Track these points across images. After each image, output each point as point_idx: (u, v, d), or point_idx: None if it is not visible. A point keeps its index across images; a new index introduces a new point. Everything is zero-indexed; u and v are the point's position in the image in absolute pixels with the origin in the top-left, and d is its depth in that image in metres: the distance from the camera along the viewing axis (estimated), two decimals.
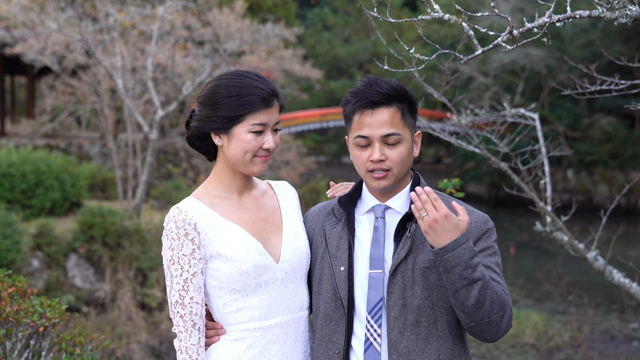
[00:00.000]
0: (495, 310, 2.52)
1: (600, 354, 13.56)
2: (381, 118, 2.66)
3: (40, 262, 13.36)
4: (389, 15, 3.03)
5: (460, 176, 33.92)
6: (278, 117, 2.77)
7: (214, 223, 2.73)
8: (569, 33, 30.94)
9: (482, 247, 2.68)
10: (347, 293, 2.71)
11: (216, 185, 2.83)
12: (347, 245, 2.76)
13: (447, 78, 5.55)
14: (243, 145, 2.70)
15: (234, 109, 2.68)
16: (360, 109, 2.68)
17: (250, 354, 2.74)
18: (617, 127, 32.36)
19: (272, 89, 2.72)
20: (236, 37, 18.70)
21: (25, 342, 3.68)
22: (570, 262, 17.86)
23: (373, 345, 2.67)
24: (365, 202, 2.81)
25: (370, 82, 2.71)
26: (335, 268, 2.74)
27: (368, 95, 2.67)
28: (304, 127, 28.89)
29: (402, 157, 2.69)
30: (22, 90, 35.32)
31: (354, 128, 2.71)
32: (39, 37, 18.40)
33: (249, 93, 2.68)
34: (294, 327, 2.80)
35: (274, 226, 2.85)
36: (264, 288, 2.74)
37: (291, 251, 2.80)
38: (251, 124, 2.69)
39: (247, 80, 2.71)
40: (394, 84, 2.70)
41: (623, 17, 2.86)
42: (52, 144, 22.02)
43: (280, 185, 3.01)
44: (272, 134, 2.75)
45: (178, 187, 18.51)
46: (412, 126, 2.74)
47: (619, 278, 5.68)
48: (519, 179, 6.03)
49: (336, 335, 2.73)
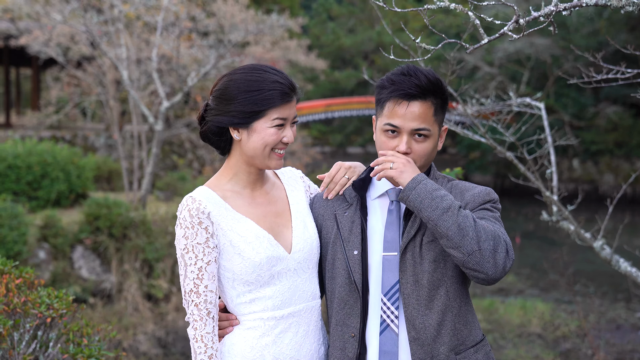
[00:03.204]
0: (484, 239, 2.52)
1: (607, 343, 13.55)
2: (415, 112, 2.68)
3: (47, 254, 13.39)
4: (394, 5, 3.02)
5: (465, 166, 33.89)
6: (295, 111, 2.79)
7: (227, 214, 2.74)
8: (574, 22, 30.81)
9: (480, 204, 2.72)
10: (361, 277, 2.73)
11: (230, 178, 2.83)
12: (360, 229, 2.77)
13: (453, 68, 5.54)
14: (264, 139, 2.71)
15: (255, 103, 2.68)
16: (395, 98, 2.69)
17: (264, 342, 2.75)
18: (622, 116, 32.24)
19: (291, 83, 2.73)
20: (241, 27, 18.66)
21: (33, 333, 3.70)
22: (576, 251, 17.82)
23: (390, 326, 2.70)
24: (378, 187, 2.83)
25: (410, 71, 2.70)
26: (349, 252, 2.76)
27: (406, 86, 2.67)
28: (308, 118, 28.86)
29: (427, 152, 2.72)
30: (27, 82, 35.35)
31: (386, 115, 2.72)
32: (43, 29, 18.38)
33: (270, 88, 2.68)
34: (307, 316, 2.81)
35: (285, 218, 2.86)
36: (277, 279, 2.75)
37: (302, 241, 2.81)
38: (273, 119, 2.70)
39: (267, 74, 2.71)
40: (432, 77, 2.70)
41: (630, 5, 2.85)
42: (58, 136, 22.04)
43: (286, 173, 3.01)
44: (290, 128, 2.77)
45: (183, 178, 18.52)
46: (441, 121, 2.77)
47: (626, 267, 5.67)
48: (525, 169, 6.02)
49: (351, 319, 2.75)
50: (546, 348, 13.46)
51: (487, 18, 2.86)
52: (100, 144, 22.73)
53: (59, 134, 22.32)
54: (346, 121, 37.30)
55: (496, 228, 2.60)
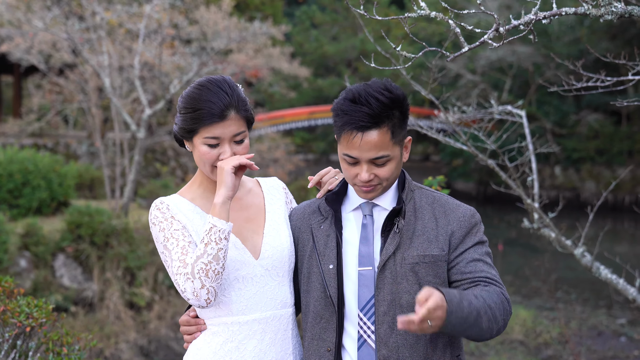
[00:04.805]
0: (501, 322, 2.55)
1: (588, 349, 13.62)
2: (370, 141, 2.57)
3: (28, 262, 13.30)
4: (376, 13, 3.03)
5: (448, 173, 34.01)
6: (238, 129, 2.72)
7: (194, 217, 2.77)
8: (555, 30, 31.05)
9: (472, 242, 2.68)
10: (336, 291, 2.70)
11: (199, 185, 2.87)
12: (335, 243, 2.74)
13: (435, 75, 5.56)
14: (200, 155, 2.74)
15: (187, 121, 2.72)
16: (349, 130, 2.58)
17: (227, 348, 2.76)
18: (604, 123, 32.52)
19: (226, 104, 2.68)
20: (223, 35, 18.66)
21: (12, 342, 3.67)
22: (558, 258, 17.93)
23: (367, 342, 2.67)
24: (352, 200, 2.80)
25: (360, 99, 2.56)
26: (324, 266, 2.73)
27: (357, 118, 2.55)
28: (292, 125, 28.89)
29: (390, 172, 2.66)
30: (9, 90, 35.13)
31: (342, 144, 2.64)
32: (25, 36, 18.30)
33: (199, 107, 2.68)
34: (274, 324, 2.80)
35: (256, 224, 2.86)
36: (241, 283, 2.75)
37: (271, 248, 2.81)
38: (204, 137, 2.70)
39: (204, 92, 2.69)
40: (385, 99, 2.56)
41: (608, 14, 2.87)
42: (40, 143, 21.92)
43: (269, 182, 3.01)
44: (232, 145, 2.73)
45: (166, 185, 18.47)
46: (402, 138, 2.67)
47: (606, 274, 5.70)
48: (506, 176, 6.04)
49: (327, 333, 2.73)
50: (528, 355, 13.50)
51: (468, 26, 2.88)
52: (82, 151, 22.62)
53: (41, 142, 22.20)
54: (329, 128, 37.37)
55: (500, 290, 2.60)
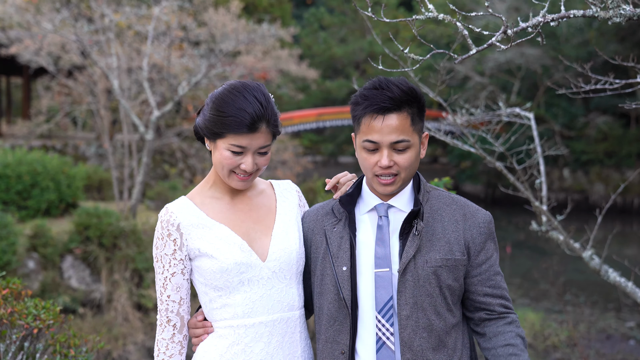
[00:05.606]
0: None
1: (597, 353, 13.57)
2: (391, 124, 2.63)
3: (36, 264, 13.33)
4: (384, 15, 3.02)
5: (456, 175, 33.95)
6: (265, 142, 2.72)
7: (198, 223, 2.76)
8: (564, 32, 30.96)
9: (491, 250, 2.75)
10: (350, 293, 2.70)
11: (211, 185, 2.86)
12: (349, 245, 2.74)
13: (443, 77, 5.55)
14: (221, 159, 2.72)
15: (216, 124, 2.69)
16: (370, 113, 2.64)
17: (233, 351, 2.75)
18: (612, 126, 32.39)
19: (260, 116, 2.66)
20: (232, 37, 18.68)
21: (20, 344, 3.67)
22: (566, 261, 17.86)
23: (386, 344, 2.67)
24: (367, 201, 2.80)
25: (382, 85, 2.66)
26: (337, 268, 2.73)
27: (379, 100, 2.62)
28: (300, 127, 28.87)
29: (410, 161, 2.68)
30: (18, 91, 35.28)
31: (363, 131, 2.68)
32: (34, 38, 18.36)
33: (231, 114, 2.65)
34: (281, 326, 2.79)
35: (265, 226, 2.85)
36: (247, 286, 2.74)
37: (279, 250, 2.79)
38: (230, 143, 2.68)
39: (239, 99, 2.67)
40: (405, 87, 2.65)
41: (617, 16, 2.86)
42: (48, 145, 21.98)
43: (282, 185, 3.00)
44: (254, 156, 2.73)
45: (174, 187, 18.49)
46: (420, 129, 2.73)
47: (615, 277, 5.68)
48: (514, 179, 6.03)
49: (341, 336, 2.72)
50: (536, 358, 13.46)
51: (476, 29, 2.86)
52: (91, 153, 22.67)
53: (50, 143, 22.26)
54: (337, 130, 37.36)
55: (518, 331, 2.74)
